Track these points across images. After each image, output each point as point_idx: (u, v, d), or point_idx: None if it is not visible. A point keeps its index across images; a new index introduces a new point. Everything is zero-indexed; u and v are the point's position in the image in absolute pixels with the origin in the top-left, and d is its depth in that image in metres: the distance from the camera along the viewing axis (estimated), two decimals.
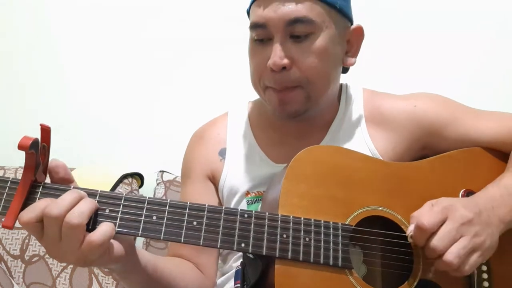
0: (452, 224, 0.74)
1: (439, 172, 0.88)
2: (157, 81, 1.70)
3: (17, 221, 0.67)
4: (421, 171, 0.87)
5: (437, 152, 0.92)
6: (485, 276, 0.82)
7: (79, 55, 1.72)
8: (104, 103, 1.70)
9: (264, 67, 0.88)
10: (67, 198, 0.66)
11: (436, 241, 0.73)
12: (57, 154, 0.71)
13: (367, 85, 1.05)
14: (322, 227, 0.76)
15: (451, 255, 0.73)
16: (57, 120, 1.67)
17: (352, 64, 0.96)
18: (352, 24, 0.94)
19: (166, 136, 1.64)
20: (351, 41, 0.94)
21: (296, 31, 0.86)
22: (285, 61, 0.86)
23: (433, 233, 0.74)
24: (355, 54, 0.95)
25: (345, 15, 0.91)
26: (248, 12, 0.93)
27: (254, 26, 0.89)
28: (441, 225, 0.74)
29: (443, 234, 0.73)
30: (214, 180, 1.02)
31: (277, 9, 0.85)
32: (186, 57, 1.68)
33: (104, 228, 0.67)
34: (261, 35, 0.88)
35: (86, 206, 0.66)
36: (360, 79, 0.96)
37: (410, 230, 0.76)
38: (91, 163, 1.65)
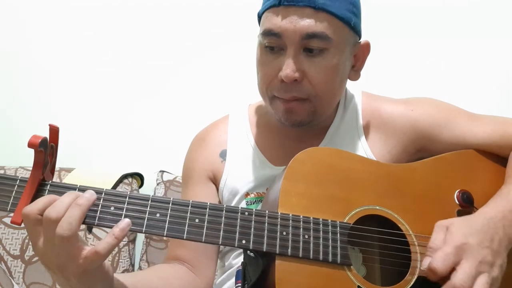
0: (470, 265, 0.73)
1: (434, 173, 0.89)
2: (158, 81, 1.70)
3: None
4: (416, 172, 0.89)
5: (432, 155, 0.94)
6: None
7: (79, 54, 1.73)
8: (104, 103, 1.71)
9: (273, 77, 0.88)
10: (65, 200, 0.66)
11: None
12: (57, 154, 0.72)
13: (366, 88, 1.06)
14: (321, 225, 0.77)
15: None
16: (57, 120, 1.66)
17: (357, 79, 0.96)
18: (360, 38, 0.94)
19: (166, 136, 1.65)
20: (357, 55, 0.94)
21: (311, 45, 0.85)
22: (297, 74, 0.86)
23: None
24: (360, 68, 0.96)
25: (356, 31, 0.91)
26: (259, 16, 0.92)
27: (267, 34, 0.87)
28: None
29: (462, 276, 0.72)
30: (215, 181, 1.03)
31: (295, 22, 0.84)
32: (187, 58, 1.69)
33: (109, 240, 0.68)
34: (274, 43, 0.87)
35: (74, 214, 0.66)
36: (359, 82, 0.97)
37: (424, 265, 0.76)
38: (91, 163, 1.65)
